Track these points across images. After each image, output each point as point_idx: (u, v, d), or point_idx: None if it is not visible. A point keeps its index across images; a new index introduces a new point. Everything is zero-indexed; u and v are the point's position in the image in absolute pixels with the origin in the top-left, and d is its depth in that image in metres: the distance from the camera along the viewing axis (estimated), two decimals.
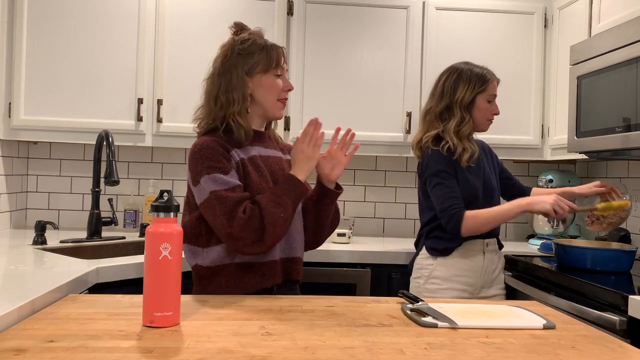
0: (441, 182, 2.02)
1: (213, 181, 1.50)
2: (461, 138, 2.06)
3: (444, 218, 1.99)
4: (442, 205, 2.00)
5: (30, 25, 2.59)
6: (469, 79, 2.09)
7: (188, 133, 2.67)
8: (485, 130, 2.16)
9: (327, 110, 2.74)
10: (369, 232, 3.12)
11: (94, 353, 0.98)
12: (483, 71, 2.11)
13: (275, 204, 1.49)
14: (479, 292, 2.11)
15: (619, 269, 2.01)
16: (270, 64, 1.63)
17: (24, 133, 2.61)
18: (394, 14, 2.80)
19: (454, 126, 2.06)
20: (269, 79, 1.64)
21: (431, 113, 2.13)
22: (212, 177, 1.51)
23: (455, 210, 1.98)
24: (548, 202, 1.91)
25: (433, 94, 2.16)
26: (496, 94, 2.14)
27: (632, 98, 2.02)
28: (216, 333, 1.13)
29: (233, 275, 1.56)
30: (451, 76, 2.12)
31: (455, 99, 2.08)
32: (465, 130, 2.07)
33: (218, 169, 1.52)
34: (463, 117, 2.07)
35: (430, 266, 2.09)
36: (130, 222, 2.87)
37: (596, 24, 2.39)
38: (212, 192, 1.50)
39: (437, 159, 2.04)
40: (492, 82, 2.11)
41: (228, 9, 2.71)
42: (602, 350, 1.10)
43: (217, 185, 1.50)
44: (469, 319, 1.28)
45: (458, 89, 2.09)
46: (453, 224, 1.97)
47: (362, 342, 1.10)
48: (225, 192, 1.49)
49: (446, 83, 2.12)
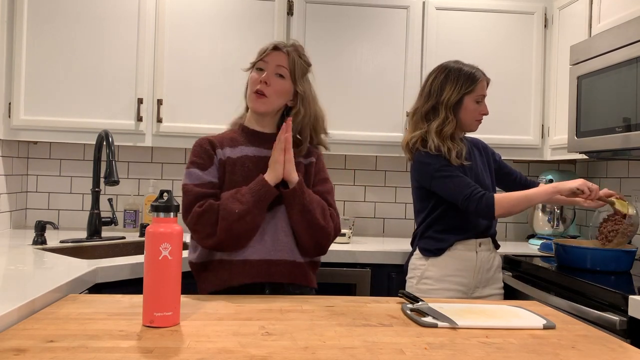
0: (450, 175, 2.00)
1: (188, 175, 1.62)
2: (444, 138, 2.04)
3: (472, 203, 1.95)
4: (464, 192, 1.96)
5: (30, 25, 2.59)
6: (457, 79, 2.06)
7: (188, 133, 2.68)
8: (474, 130, 2.15)
9: (327, 110, 2.73)
10: (369, 232, 3.12)
11: (94, 353, 0.98)
12: (472, 70, 2.08)
13: (234, 200, 1.54)
14: (473, 292, 2.10)
15: (619, 269, 2.01)
16: (256, 58, 1.69)
17: (24, 133, 2.61)
18: (394, 14, 2.80)
19: (436, 126, 2.05)
20: (252, 73, 1.70)
21: (417, 113, 2.13)
22: (188, 172, 1.62)
23: (483, 193, 1.95)
24: (579, 181, 1.94)
25: (421, 94, 2.15)
26: (485, 94, 2.11)
27: (632, 98, 2.02)
28: (216, 333, 1.13)
29: (213, 272, 1.60)
30: (439, 76, 2.10)
31: (442, 100, 2.06)
32: (448, 130, 2.05)
33: (197, 165, 1.62)
34: (446, 117, 2.05)
35: (422, 266, 2.09)
36: (130, 222, 2.87)
37: (596, 24, 2.39)
38: (183, 186, 1.61)
39: (431, 158, 2.03)
40: (480, 83, 2.08)
41: (228, 9, 2.71)
42: (602, 350, 1.10)
43: (189, 179, 1.61)
44: (469, 319, 1.28)
45: (445, 89, 2.07)
46: (484, 206, 1.93)
47: (362, 342, 1.10)
48: (192, 187, 1.59)
49: (434, 83, 2.10)
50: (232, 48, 2.70)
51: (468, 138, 2.23)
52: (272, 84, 1.65)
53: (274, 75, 1.66)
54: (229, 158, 1.63)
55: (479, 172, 2.14)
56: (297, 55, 1.69)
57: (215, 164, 1.63)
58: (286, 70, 1.67)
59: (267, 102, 1.66)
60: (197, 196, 1.56)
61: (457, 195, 1.98)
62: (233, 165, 1.63)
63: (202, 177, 1.60)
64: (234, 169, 1.62)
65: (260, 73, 1.67)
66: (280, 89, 1.67)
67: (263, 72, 1.66)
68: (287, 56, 1.67)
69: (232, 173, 1.62)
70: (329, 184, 1.74)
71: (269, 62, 1.67)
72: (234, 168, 1.63)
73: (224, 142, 1.67)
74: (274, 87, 1.66)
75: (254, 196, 1.54)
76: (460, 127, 2.11)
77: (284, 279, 1.60)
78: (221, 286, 1.57)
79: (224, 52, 2.70)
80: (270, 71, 1.66)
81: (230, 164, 1.63)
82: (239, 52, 2.69)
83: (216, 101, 2.69)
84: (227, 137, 1.70)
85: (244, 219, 1.52)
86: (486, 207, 1.94)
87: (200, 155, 1.64)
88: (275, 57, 1.67)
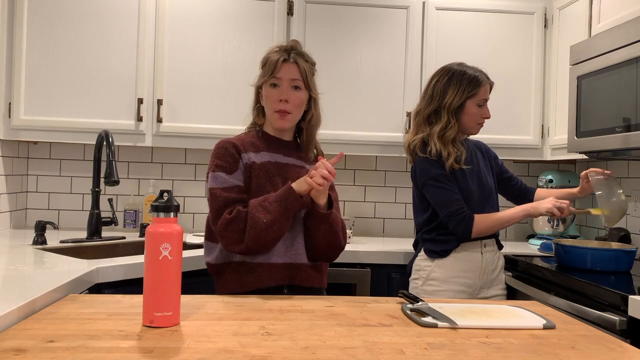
0: (441, 186, 2.03)
1: (214, 179, 1.60)
2: (445, 143, 2.05)
3: (453, 221, 2.01)
4: (449, 209, 2.01)
5: (30, 25, 2.59)
6: (460, 82, 2.06)
7: (188, 133, 2.68)
8: (475, 133, 2.15)
9: (327, 110, 2.72)
10: (369, 232, 3.12)
11: (94, 353, 0.98)
12: (475, 74, 2.08)
13: (262, 209, 1.53)
14: (478, 293, 2.11)
15: (619, 269, 2.01)
16: (266, 74, 1.67)
17: (24, 133, 2.61)
18: (394, 14, 2.80)
19: (439, 130, 2.05)
20: (266, 90, 1.68)
21: (420, 115, 2.13)
22: (215, 175, 1.60)
23: (466, 214, 2.01)
24: (549, 202, 2.00)
25: (424, 96, 2.16)
26: (487, 98, 2.11)
27: (632, 98, 2.01)
28: (216, 333, 1.13)
29: (233, 274, 1.61)
30: (442, 79, 2.10)
31: (444, 103, 2.06)
32: (450, 134, 2.05)
33: (222, 168, 1.60)
34: (449, 122, 2.06)
35: (428, 268, 2.09)
36: (130, 222, 2.87)
37: (596, 24, 2.39)
38: (210, 189, 1.59)
39: (429, 164, 2.04)
40: (483, 87, 2.08)
41: (228, 9, 2.71)
42: (602, 350, 1.10)
43: (216, 182, 1.59)
44: (469, 319, 1.28)
45: (447, 92, 2.07)
46: (464, 227, 2.00)
47: (362, 342, 1.10)
48: (220, 191, 1.58)
49: (437, 86, 2.10)
50: (232, 48, 2.70)
51: (471, 140, 2.23)
52: (291, 99, 1.65)
53: (290, 89, 1.65)
54: (253, 162, 1.63)
55: (481, 174, 2.14)
56: (303, 61, 1.68)
57: (240, 167, 1.62)
58: (300, 82, 1.67)
59: (291, 118, 1.67)
60: (227, 202, 1.56)
61: (442, 208, 2.03)
62: (259, 170, 1.63)
63: (229, 181, 1.59)
64: (260, 173, 1.63)
65: (276, 90, 1.65)
66: (300, 102, 1.67)
67: (278, 87, 1.65)
68: (298, 67, 1.66)
69: (258, 177, 1.62)
70: (334, 192, 1.75)
71: (282, 77, 1.65)
72: (260, 172, 1.63)
73: (247, 146, 1.66)
74: (294, 102, 1.65)
75: (281, 205, 1.53)
76: (462, 130, 2.11)
77: (305, 281, 1.63)
78: (245, 289, 1.57)
79: (224, 52, 2.70)
80: (286, 87, 1.65)
81: (255, 168, 1.63)
82: (239, 52, 2.70)
83: (216, 101, 2.69)
84: (248, 141, 1.69)
85: (272, 228, 1.52)
86: (464, 230, 2.01)
87: (225, 158, 1.62)
88: (288, 71, 1.65)
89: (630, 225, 2.63)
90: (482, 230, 2.03)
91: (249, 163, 1.63)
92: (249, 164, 1.63)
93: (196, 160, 3.03)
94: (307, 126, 1.73)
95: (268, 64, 1.67)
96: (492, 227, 2.04)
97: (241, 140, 1.69)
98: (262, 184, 1.61)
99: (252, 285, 1.58)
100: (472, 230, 2.01)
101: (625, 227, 2.62)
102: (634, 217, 2.61)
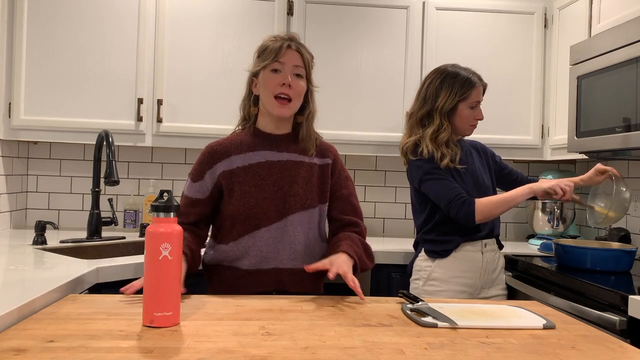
0: (437, 178, 2.01)
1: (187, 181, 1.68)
2: (439, 145, 2.04)
3: (454, 208, 1.96)
4: (448, 196, 1.97)
5: (30, 25, 2.59)
6: (452, 85, 2.05)
7: (188, 133, 2.68)
8: (468, 135, 2.15)
9: (327, 110, 2.74)
10: (369, 232, 3.09)
11: (94, 353, 0.98)
12: (468, 76, 2.07)
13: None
14: (479, 293, 2.11)
15: (619, 269, 2.01)
16: (267, 58, 1.58)
17: (24, 133, 2.61)
18: (394, 14, 2.80)
19: (431, 133, 2.05)
20: (265, 76, 1.60)
21: (413, 117, 2.13)
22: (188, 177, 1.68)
23: (465, 198, 1.96)
24: (553, 181, 1.94)
25: (417, 97, 2.15)
26: (480, 100, 2.10)
27: (632, 98, 2.02)
28: (216, 333, 1.13)
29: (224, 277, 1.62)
30: (435, 81, 2.09)
31: (436, 106, 2.06)
32: (443, 137, 2.05)
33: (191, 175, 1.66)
34: (441, 124, 2.05)
35: (428, 268, 2.09)
36: (130, 222, 2.87)
37: (596, 24, 2.39)
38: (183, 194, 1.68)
39: (423, 162, 2.04)
40: (476, 89, 2.07)
41: (228, 9, 2.71)
42: (602, 350, 1.10)
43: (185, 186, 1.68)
44: (469, 319, 1.28)
45: (440, 95, 2.06)
46: (465, 212, 1.95)
47: (362, 342, 1.10)
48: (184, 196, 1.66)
49: (429, 88, 2.10)
50: (232, 48, 2.70)
51: (466, 140, 2.23)
52: (294, 85, 1.58)
53: (293, 76, 1.58)
54: (237, 168, 1.59)
55: (477, 174, 2.14)
56: (305, 50, 1.63)
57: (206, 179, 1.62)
58: (303, 70, 1.61)
59: (292, 107, 1.60)
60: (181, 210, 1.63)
61: (441, 198, 2.00)
62: (244, 175, 1.59)
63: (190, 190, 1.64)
64: (245, 179, 1.59)
65: (279, 75, 1.58)
66: (301, 90, 1.61)
67: (279, 72, 1.58)
68: (301, 55, 1.61)
69: (242, 184, 1.58)
70: (350, 183, 1.74)
71: (286, 62, 1.58)
72: (245, 178, 1.59)
73: (232, 150, 1.62)
74: (296, 89, 1.59)
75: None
76: (455, 132, 2.11)
77: (294, 287, 1.60)
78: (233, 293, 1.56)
79: (224, 52, 2.70)
80: (289, 72, 1.58)
81: (239, 174, 1.59)
82: (239, 52, 2.70)
83: (216, 101, 2.69)
84: (236, 141, 1.64)
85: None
86: (466, 214, 1.95)
87: (197, 164, 1.65)
88: (291, 57, 1.59)
89: (630, 225, 2.63)
90: (487, 212, 1.95)
91: (227, 170, 1.60)
92: (228, 171, 1.60)
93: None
94: (306, 120, 1.66)
95: (269, 49, 1.59)
96: (496, 208, 1.96)
97: (227, 143, 1.64)
98: (246, 191, 1.57)
99: (238, 292, 1.56)
100: (474, 214, 1.94)
101: (625, 227, 2.62)
102: (634, 217, 2.60)
